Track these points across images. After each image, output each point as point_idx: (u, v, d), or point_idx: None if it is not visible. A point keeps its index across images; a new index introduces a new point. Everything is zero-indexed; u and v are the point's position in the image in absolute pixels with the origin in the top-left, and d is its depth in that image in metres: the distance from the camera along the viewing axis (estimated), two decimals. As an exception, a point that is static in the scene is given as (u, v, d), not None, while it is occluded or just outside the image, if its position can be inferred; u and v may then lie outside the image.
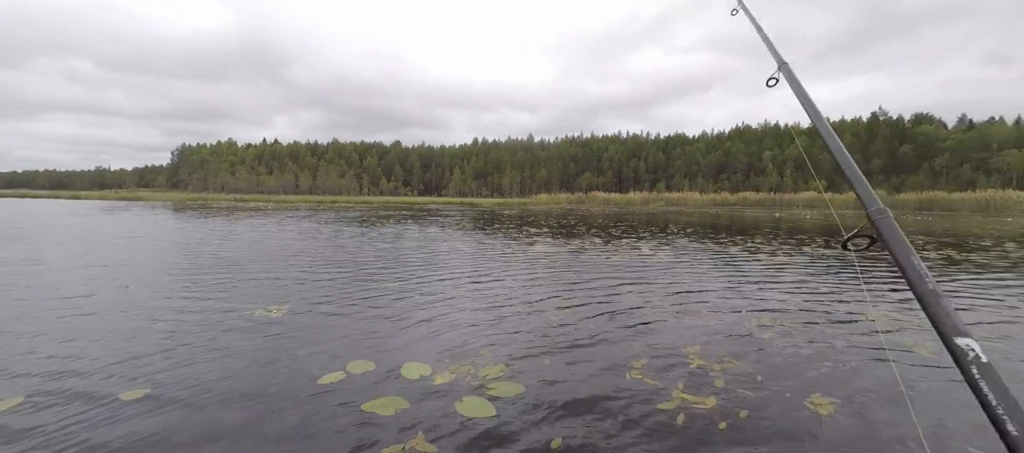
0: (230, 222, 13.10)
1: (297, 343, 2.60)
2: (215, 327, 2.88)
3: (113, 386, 2.00)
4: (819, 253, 7.13)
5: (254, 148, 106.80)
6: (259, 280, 4.43)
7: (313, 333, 2.78)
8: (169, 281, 4.37)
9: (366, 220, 14.98)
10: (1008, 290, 4.33)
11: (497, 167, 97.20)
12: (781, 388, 2.09)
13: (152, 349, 2.47)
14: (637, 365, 2.37)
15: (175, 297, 3.70)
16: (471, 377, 2.13)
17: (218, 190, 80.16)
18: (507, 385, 2.03)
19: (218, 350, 2.47)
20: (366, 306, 3.46)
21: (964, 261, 6.29)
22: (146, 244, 7.43)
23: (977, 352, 0.56)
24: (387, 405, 1.81)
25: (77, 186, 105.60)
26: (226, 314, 3.19)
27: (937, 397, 2.00)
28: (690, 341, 2.73)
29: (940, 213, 28.12)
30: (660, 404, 1.91)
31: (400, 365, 2.27)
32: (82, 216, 15.04)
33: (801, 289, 4.30)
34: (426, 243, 8.06)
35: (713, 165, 79.94)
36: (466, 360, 2.35)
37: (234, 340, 2.64)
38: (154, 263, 5.49)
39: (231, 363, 2.29)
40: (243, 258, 5.94)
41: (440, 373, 2.18)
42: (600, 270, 5.33)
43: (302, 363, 2.30)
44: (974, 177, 53.34)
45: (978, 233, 11.42)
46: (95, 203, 30.15)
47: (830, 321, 3.19)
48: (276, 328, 2.88)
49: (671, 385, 2.11)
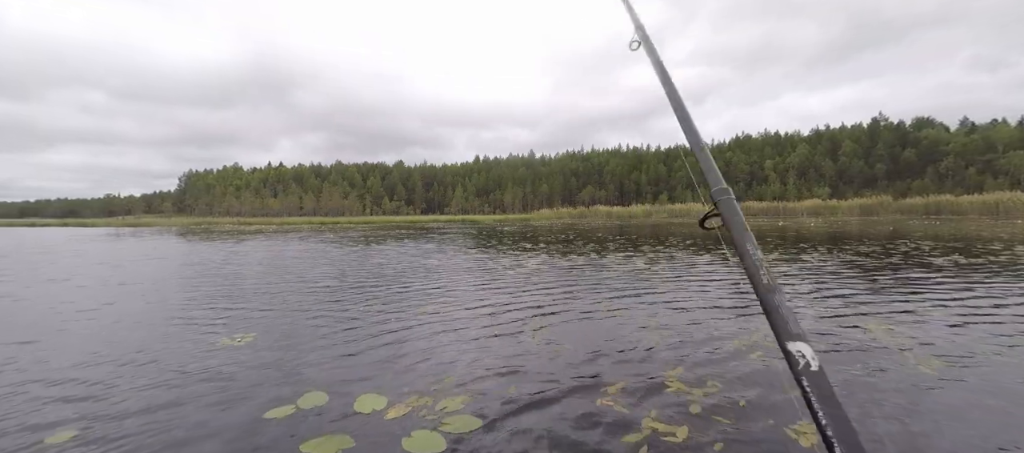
0: (225, 246, 13.09)
1: (255, 374, 2.47)
2: (174, 357, 2.76)
3: (36, 430, 1.87)
4: (818, 264, 6.93)
5: (259, 172, 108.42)
6: (233, 306, 4.32)
7: (275, 363, 2.65)
8: (138, 308, 4.27)
9: (362, 240, 14.93)
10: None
11: (499, 184, 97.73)
12: (764, 415, 1.93)
13: (97, 383, 2.35)
14: (612, 390, 2.21)
15: (140, 325, 3.59)
16: (428, 410, 1.98)
17: (223, 214, 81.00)
18: (464, 418, 1.88)
19: (168, 385, 2.34)
20: (336, 332, 3.33)
21: (973, 265, 6.06)
22: (126, 271, 7.38)
23: (808, 358, 0.54)
24: (326, 444, 1.67)
25: (86, 214, 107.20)
26: (188, 343, 3.07)
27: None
28: (674, 363, 2.57)
29: (948, 217, 27.64)
30: (625, 436, 1.75)
31: (356, 397, 2.12)
32: (79, 243, 15.12)
33: (801, 307, 4.12)
34: (413, 264, 7.95)
35: (715, 175, 79.58)
36: (427, 391, 2.21)
37: (190, 372, 2.51)
38: (129, 290, 5.41)
39: (179, 397, 2.16)
40: (223, 283, 5.84)
41: (395, 405, 2.03)
42: (588, 289, 5.18)
43: (254, 396, 2.17)
44: (981, 179, 52.69)
45: (987, 236, 11.13)
46: (101, 230, 30.46)
47: (830, 341, 3.01)
48: (237, 357, 2.75)
49: (643, 413, 1.95)
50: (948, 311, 3.63)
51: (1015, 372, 2.34)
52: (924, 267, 6.15)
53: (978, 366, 2.42)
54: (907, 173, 63.29)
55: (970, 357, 2.55)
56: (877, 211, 34.42)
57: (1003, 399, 2.03)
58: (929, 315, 3.52)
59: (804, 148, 74.49)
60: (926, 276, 5.39)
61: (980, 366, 2.42)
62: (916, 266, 6.27)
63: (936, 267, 6.09)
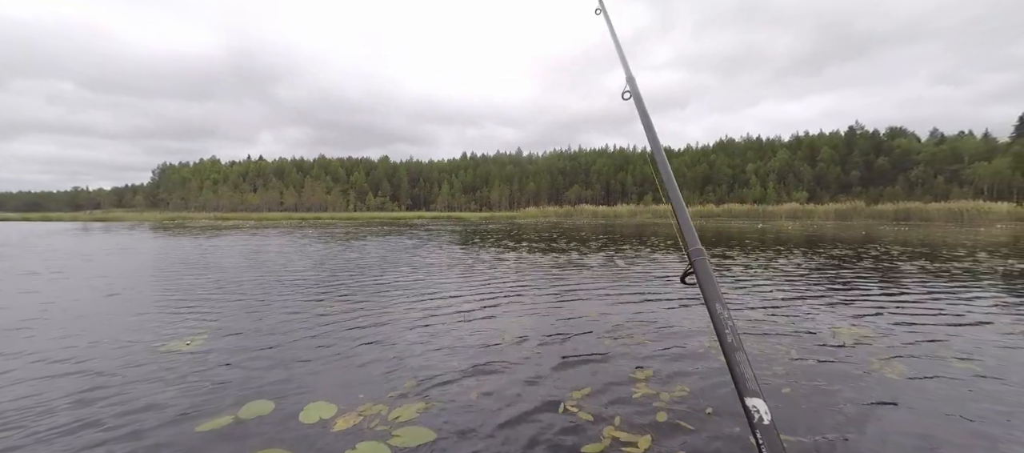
0: (195, 242, 12.60)
1: (199, 380, 2.30)
2: (115, 364, 2.57)
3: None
4: (796, 265, 7.03)
5: (238, 165, 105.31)
6: (189, 306, 4.10)
7: (221, 368, 2.48)
8: (89, 308, 4.00)
9: (342, 237, 14.59)
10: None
11: (486, 181, 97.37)
12: (730, 421, 1.87)
13: (25, 396, 2.15)
14: (577, 395, 2.13)
15: (86, 329, 3.35)
16: (379, 420, 1.86)
17: (200, 209, 78.45)
18: (416, 430, 1.76)
19: (104, 398, 2.15)
20: (296, 334, 3.16)
21: (939, 272, 6.23)
22: (83, 267, 6.99)
23: (762, 413, 0.58)
24: (261, 460, 1.54)
25: (52, 207, 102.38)
26: (133, 348, 2.87)
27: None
28: (645, 365, 2.51)
29: (916, 223, 28.72)
30: (586, 446, 1.67)
31: (303, 406, 1.99)
32: (35, 239, 14.35)
33: (778, 307, 4.13)
34: (388, 261, 7.76)
35: (698, 178, 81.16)
36: (383, 398, 2.08)
37: (129, 380, 2.33)
38: (82, 290, 5.10)
39: (114, 409, 1.98)
40: (182, 281, 5.57)
41: (346, 414, 1.90)
42: (565, 288, 5.11)
43: (193, 405, 2.01)
44: (948, 188, 54.99)
45: (952, 243, 11.54)
46: (65, 225, 29.09)
47: (801, 345, 3.00)
48: (183, 361, 2.57)
49: (607, 420, 1.87)
50: (911, 315, 3.68)
51: (973, 385, 2.35)
52: (893, 271, 6.30)
53: (942, 375, 2.43)
54: (880, 180, 65.58)
55: (937, 365, 2.57)
56: (851, 216, 35.54)
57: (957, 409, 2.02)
58: (893, 318, 3.56)
59: (784, 153, 76.41)
60: (894, 280, 5.51)
61: (942, 375, 2.43)
62: (887, 270, 6.42)
63: (904, 272, 6.24)
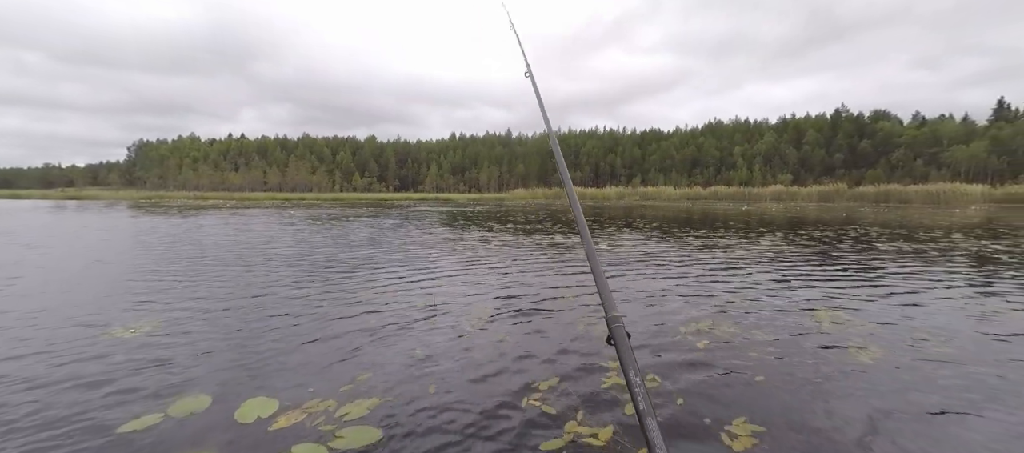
0: (169, 222, 12.14)
1: (133, 373, 2.12)
2: (51, 352, 2.36)
3: None
4: (776, 247, 7.03)
5: (219, 144, 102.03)
6: (140, 291, 3.86)
7: (162, 359, 2.29)
8: (36, 288, 3.74)
9: (323, 219, 14.23)
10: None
11: (475, 162, 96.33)
12: (699, 412, 1.78)
13: (-70, 389, 1.94)
14: (542, 387, 2.01)
15: (31, 312, 3.11)
16: (324, 417, 1.72)
17: (179, 188, 76.10)
18: (361, 430, 1.62)
19: (31, 387, 1.96)
20: (251, 322, 2.98)
21: (912, 253, 6.29)
22: (36, 248, 6.62)
23: None
24: (179, 467, 1.38)
25: (21, 184, 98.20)
26: (74, 334, 2.65)
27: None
28: (614, 357, 2.40)
29: (896, 205, 29.39)
30: (545, 444, 1.55)
31: (243, 401, 1.83)
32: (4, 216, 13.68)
33: (755, 288, 4.07)
34: (362, 244, 7.55)
35: (686, 160, 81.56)
36: (333, 393, 1.93)
37: (62, 370, 2.13)
38: (31, 271, 4.80)
39: (34, 407, 1.79)
40: (141, 264, 5.30)
41: (288, 412, 1.75)
42: (543, 272, 4.99)
43: (121, 401, 1.83)
44: (927, 171, 56.32)
45: (928, 224, 11.76)
46: (34, 203, 27.89)
47: (774, 327, 2.93)
48: (121, 351, 2.38)
49: (569, 414, 1.76)
50: (887, 295, 3.66)
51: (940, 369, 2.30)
52: (871, 252, 6.34)
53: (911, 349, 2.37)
54: (862, 162, 66.81)
55: (912, 348, 2.52)
56: (833, 198, 36.24)
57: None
58: (870, 301, 3.52)
59: (771, 136, 77.03)
60: (872, 261, 5.53)
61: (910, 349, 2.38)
62: (864, 252, 6.46)
63: (882, 252, 6.28)
